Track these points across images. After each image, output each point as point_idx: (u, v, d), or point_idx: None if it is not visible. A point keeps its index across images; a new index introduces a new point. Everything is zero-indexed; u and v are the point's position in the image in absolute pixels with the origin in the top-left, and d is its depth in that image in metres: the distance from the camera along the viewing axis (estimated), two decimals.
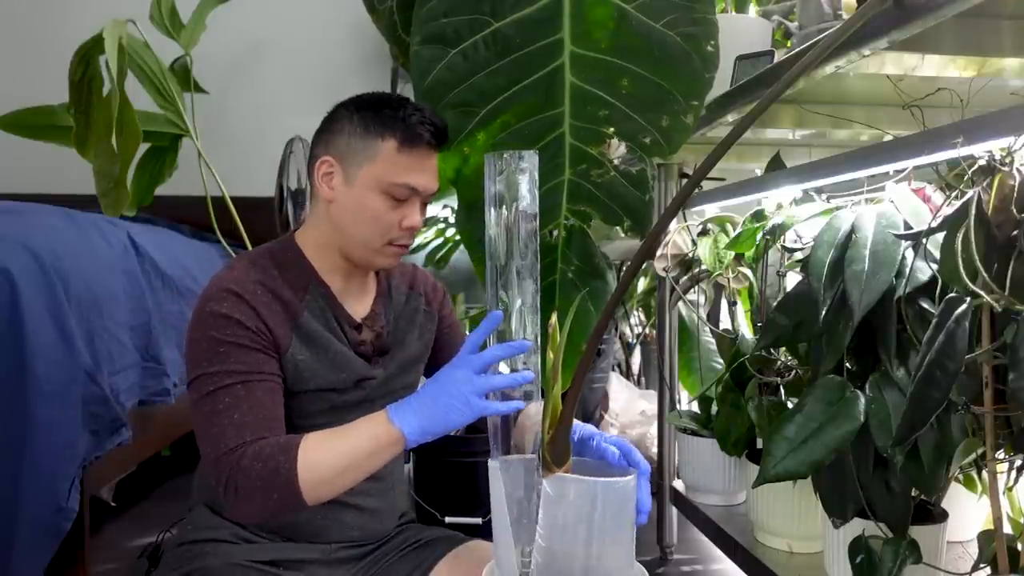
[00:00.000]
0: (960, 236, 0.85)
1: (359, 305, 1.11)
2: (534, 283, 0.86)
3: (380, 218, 1.02)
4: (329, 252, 1.07)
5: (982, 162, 0.87)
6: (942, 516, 1.12)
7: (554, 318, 0.86)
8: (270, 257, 1.07)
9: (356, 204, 1.03)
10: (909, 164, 1.05)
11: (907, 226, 1.02)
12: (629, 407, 2.42)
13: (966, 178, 0.90)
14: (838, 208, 1.20)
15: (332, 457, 0.91)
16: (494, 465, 0.83)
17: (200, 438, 0.96)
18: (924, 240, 0.96)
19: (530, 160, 0.85)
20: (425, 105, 1.03)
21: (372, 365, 1.09)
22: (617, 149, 1.00)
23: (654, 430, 2.31)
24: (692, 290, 1.76)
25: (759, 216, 1.47)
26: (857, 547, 1.05)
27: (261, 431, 0.94)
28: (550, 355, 0.85)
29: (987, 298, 0.84)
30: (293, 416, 1.01)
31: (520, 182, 0.85)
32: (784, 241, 1.36)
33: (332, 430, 0.94)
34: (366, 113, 1.03)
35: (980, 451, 0.94)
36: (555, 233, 1.09)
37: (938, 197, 1.09)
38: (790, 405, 1.29)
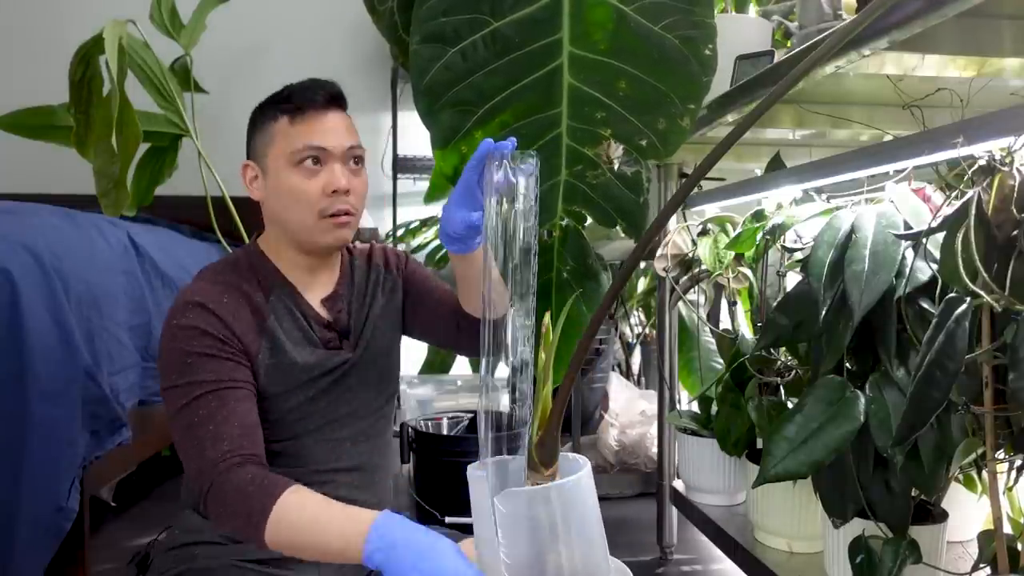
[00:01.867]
0: (960, 236, 0.85)
1: (322, 292, 1.12)
2: (531, 283, 0.86)
3: (300, 192, 1.04)
4: (284, 249, 1.09)
5: (982, 162, 0.87)
6: (942, 516, 1.12)
7: (547, 318, 0.85)
8: (234, 265, 1.09)
9: (277, 190, 1.05)
10: (909, 164, 1.05)
11: (907, 226, 1.02)
12: (629, 407, 2.41)
13: (966, 178, 0.89)
14: (838, 208, 1.19)
15: (300, 530, 0.88)
16: (476, 474, 0.82)
17: (180, 451, 0.97)
18: (924, 240, 0.96)
19: (531, 161, 0.85)
20: (320, 79, 1.08)
21: (342, 350, 1.10)
22: (614, 151, 1.00)
23: (654, 430, 2.31)
24: (692, 290, 1.76)
25: (759, 216, 1.47)
26: (857, 547, 1.04)
27: (240, 441, 0.95)
28: (541, 355, 0.84)
29: (987, 298, 0.84)
30: (271, 410, 1.03)
31: (519, 182, 0.84)
32: (784, 241, 1.35)
33: (319, 500, 0.90)
34: (259, 109, 1.09)
35: (980, 451, 0.94)
36: (551, 233, 1.09)
37: (938, 197, 1.09)
38: (790, 405, 1.29)
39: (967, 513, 1.25)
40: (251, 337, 1.02)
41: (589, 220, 1.10)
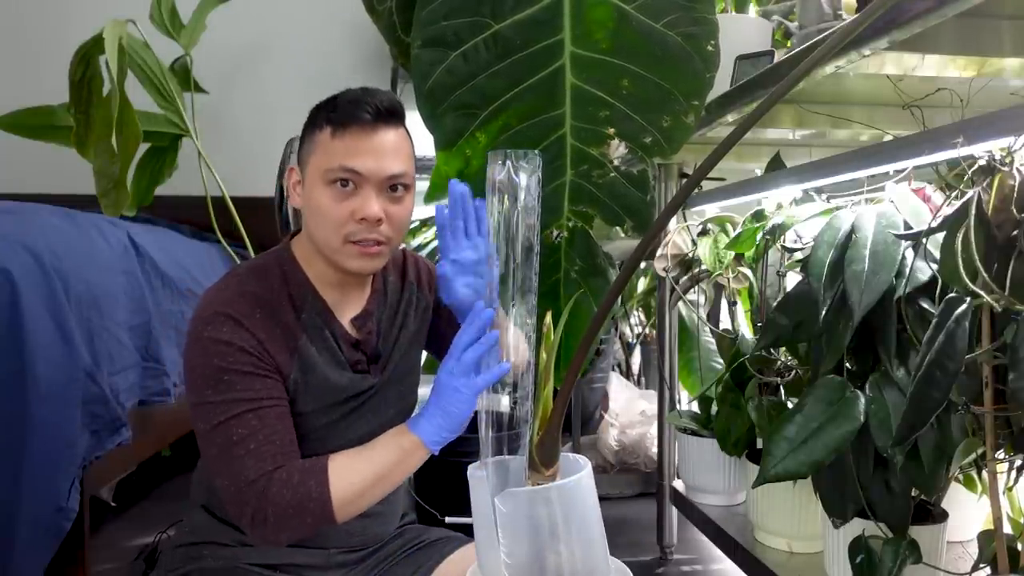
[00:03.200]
0: (960, 236, 0.85)
1: (354, 311, 1.08)
2: (533, 282, 0.86)
3: (329, 212, 0.96)
4: (317, 261, 1.03)
5: (982, 162, 0.87)
6: (942, 516, 1.12)
7: (548, 317, 0.85)
8: (264, 272, 1.03)
9: (310, 203, 0.99)
10: (909, 164, 1.05)
11: (907, 226, 1.02)
12: (629, 407, 2.42)
13: (966, 178, 0.90)
14: (838, 208, 1.20)
15: (362, 473, 0.93)
16: (477, 474, 0.82)
17: (217, 472, 0.94)
18: (924, 240, 0.96)
19: (532, 161, 0.85)
20: (372, 90, 0.98)
21: (369, 375, 1.06)
22: (618, 150, 1.00)
23: (654, 430, 2.31)
24: (692, 290, 1.76)
25: (759, 216, 1.47)
26: (857, 547, 1.05)
27: (280, 458, 0.93)
28: (543, 355, 0.84)
29: (987, 298, 0.84)
30: (296, 427, 1.00)
31: (520, 181, 0.84)
32: (784, 241, 1.36)
33: (354, 449, 0.96)
34: (314, 111, 1.01)
35: (980, 451, 0.94)
36: (558, 234, 1.09)
37: (938, 197, 1.09)
38: (790, 405, 1.29)
39: (967, 513, 1.25)
40: (283, 357, 0.98)
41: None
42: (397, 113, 0.99)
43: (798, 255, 1.34)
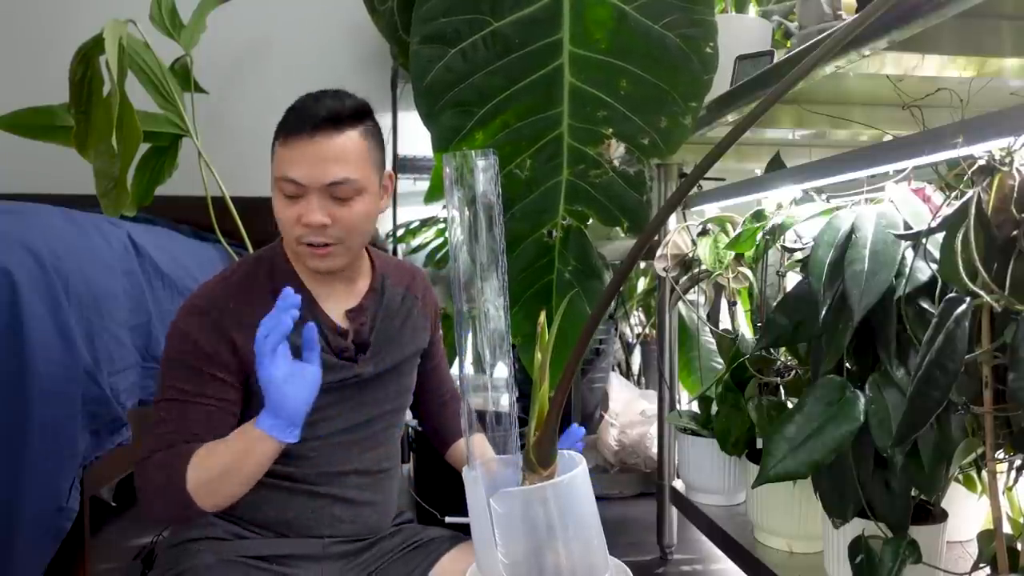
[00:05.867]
0: (960, 236, 0.85)
1: (345, 303, 1.11)
2: (498, 280, 0.85)
3: (281, 217, 1.03)
4: (300, 263, 1.08)
5: (982, 162, 0.87)
6: (942, 516, 1.12)
7: (542, 317, 0.85)
8: (255, 264, 1.09)
9: (274, 207, 1.05)
10: (909, 164, 1.05)
11: (907, 226, 1.02)
12: (629, 407, 2.41)
13: (966, 178, 0.89)
14: (838, 208, 1.20)
15: (218, 462, 0.95)
16: (470, 475, 0.81)
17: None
18: (924, 240, 0.96)
19: (488, 158, 0.85)
20: (324, 97, 1.02)
21: (357, 363, 1.09)
22: (615, 150, 1.00)
23: (654, 430, 2.31)
24: (692, 290, 1.76)
25: (759, 216, 1.47)
26: (857, 547, 1.05)
27: (170, 444, 0.98)
28: (538, 355, 0.84)
29: (987, 298, 0.84)
30: None
31: (478, 180, 0.84)
32: (784, 241, 1.35)
33: (221, 440, 0.98)
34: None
35: (980, 451, 0.94)
36: (553, 234, 1.09)
37: (938, 197, 1.09)
38: (790, 405, 1.29)
39: (967, 513, 1.25)
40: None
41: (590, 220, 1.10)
42: (343, 118, 1.01)
43: (798, 255, 1.34)
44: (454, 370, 0.96)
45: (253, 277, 1.07)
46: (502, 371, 0.87)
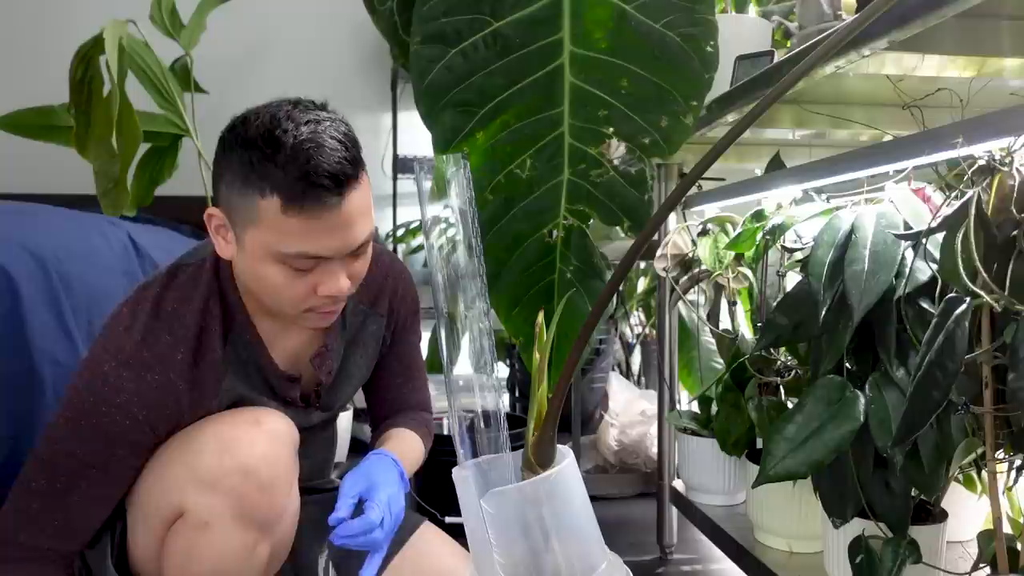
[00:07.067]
0: (960, 236, 0.85)
1: (300, 345, 0.98)
2: (479, 281, 0.86)
3: (284, 290, 0.83)
4: (251, 297, 0.90)
5: (982, 162, 0.87)
6: (942, 516, 1.12)
7: (540, 317, 0.85)
8: (193, 285, 0.89)
9: (253, 273, 0.84)
10: (909, 164, 1.05)
11: (907, 226, 1.02)
12: (629, 407, 2.41)
13: (966, 178, 0.89)
14: (838, 208, 1.20)
15: None
16: (460, 476, 0.81)
17: (12, 492, 0.85)
18: (924, 240, 0.96)
19: (458, 162, 0.85)
20: (324, 138, 0.81)
21: (309, 410, 0.99)
22: (616, 149, 1.00)
23: (654, 430, 2.31)
24: (692, 290, 1.76)
25: (759, 216, 1.47)
26: (857, 547, 1.04)
27: (56, 541, 0.83)
28: (536, 355, 0.84)
29: (987, 298, 0.84)
30: None
31: (450, 185, 0.84)
32: (784, 241, 1.36)
33: None
34: (244, 155, 0.80)
35: (980, 451, 0.94)
36: (554, 233, 1.09)
37: (938, 197, 1.09)
38: (790, 405, 1.29)
39: (967, 513, 1.25)
40: (208, 391, 0.88)
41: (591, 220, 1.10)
42: (356, 165, 0.84)
43: (798, 255, 1.34)
44: (441, 376, 0.93)
45: (197, 309, 0.87)
46: (488, 373, 0.87)
